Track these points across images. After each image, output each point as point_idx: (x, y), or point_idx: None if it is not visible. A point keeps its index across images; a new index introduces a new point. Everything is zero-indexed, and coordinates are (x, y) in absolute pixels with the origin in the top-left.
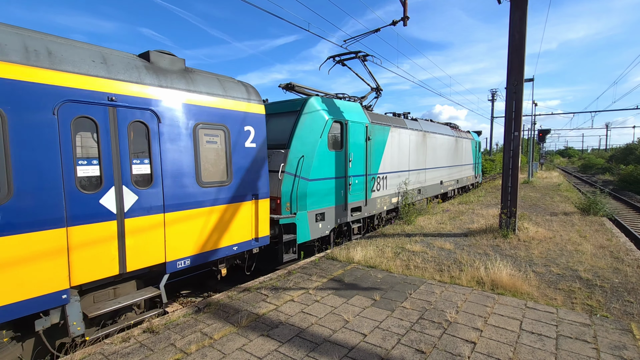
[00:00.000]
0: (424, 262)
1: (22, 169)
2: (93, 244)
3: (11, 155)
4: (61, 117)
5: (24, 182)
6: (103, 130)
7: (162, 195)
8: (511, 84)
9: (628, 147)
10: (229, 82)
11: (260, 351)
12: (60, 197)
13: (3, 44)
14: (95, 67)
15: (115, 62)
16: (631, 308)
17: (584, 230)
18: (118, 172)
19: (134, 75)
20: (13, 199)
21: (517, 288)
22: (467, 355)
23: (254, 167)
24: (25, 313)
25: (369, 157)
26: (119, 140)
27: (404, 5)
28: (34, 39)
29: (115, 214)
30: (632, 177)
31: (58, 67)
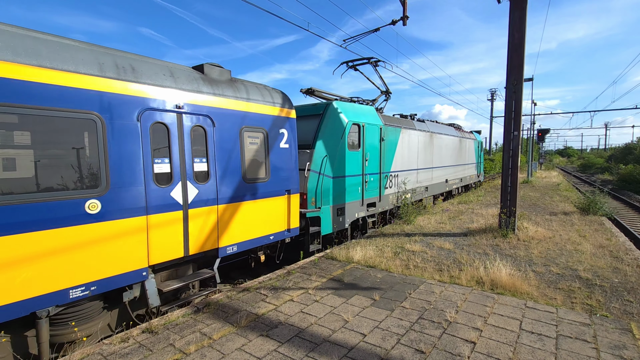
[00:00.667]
0: (424, 262)
1: (116, 166)
2: (165, 230)
3: (109, 155)
4: (143, 123)
5: (118, 178)
6: (172, 134)
7: (216, 189)
8: (511, 83)
9: (627, 147)
10: (266, 90)
11: (259, 351)
12: (143, 190)
13: (101, 63)
14: (166, 80)
15: (179, 75)
16: (631, 307)
17: (584, 230)
18: (184, 169)
19: (194, 86)
20: (110, 191)
21: (517, 288)
22: (467, 355)
23: (287, 165)
24: (120, 285)
25: (382, 156)
26: (184, 142)
27: (404, 5)
28: (120, 57)
29: (182, 205)
30: (631, 177)
31: (140, 80)
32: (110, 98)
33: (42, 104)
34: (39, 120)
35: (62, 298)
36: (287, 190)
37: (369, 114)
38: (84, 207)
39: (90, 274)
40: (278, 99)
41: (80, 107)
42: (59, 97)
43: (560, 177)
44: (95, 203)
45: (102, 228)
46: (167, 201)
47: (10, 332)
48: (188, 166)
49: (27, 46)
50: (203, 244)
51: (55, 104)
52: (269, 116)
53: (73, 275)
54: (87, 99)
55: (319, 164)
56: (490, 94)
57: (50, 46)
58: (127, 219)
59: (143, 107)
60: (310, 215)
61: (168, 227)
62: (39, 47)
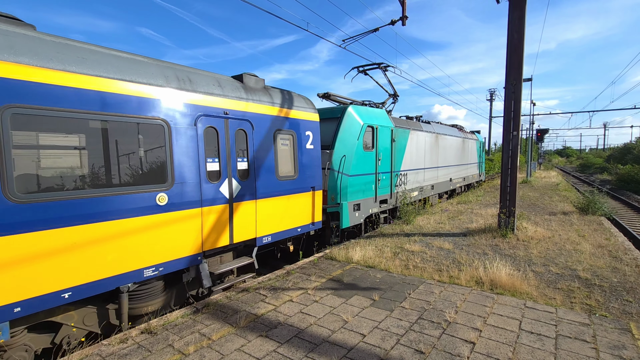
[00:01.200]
0: (423, 262)
1: (179, 165)
2: (215, 221)
3: (173, 155)
4: (198, 127)
5: (180, 174)
6: (221, 136)
7: (255, 185)
8: (510, 83)
9: (626, 147)
10: (295, 95)
11: (258, 352)
12: (198, 186)
13: (166, 76)
14: (216, 89)
15: (225, 85)
16: (630, 307)
17: (583, 230)
18: (229, 167)
19: (237, 94)
20: (174, 186)
21: (516, 288)
22: (467, 355)
23: (312, 164)
24: (181, 267)
25: (393, 156)
26: (230, 144)
27: (403, 5)
28: (179, 70)
29: (228, 199)
30: (629, 177)
31: (196, 90)
32: (174, 106)
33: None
34: (123, 127)
35: (138, 276)
36: (312, 187)
37: (381, 116)
38: (156, 200)
39: (158, 257)
40: (304, 104)
41: (153, 114)
42: (138, 106)
43: (559, 177)
44: (163, 196)
45: (168, 218)
46: (216, 195)
47: (96, 305)
48: (233, 165)
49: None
50: (244, 234)
51: (135, 112)
52: (297, 120)
53: (146, 257)
54: (157, 107)
55: (338, 163)
56: (490, 94)
57: (128, 63)
58: (187, 210)
59: (199, 113)
60: (331, 210)
61: (217, 218)
62: (121, 64)
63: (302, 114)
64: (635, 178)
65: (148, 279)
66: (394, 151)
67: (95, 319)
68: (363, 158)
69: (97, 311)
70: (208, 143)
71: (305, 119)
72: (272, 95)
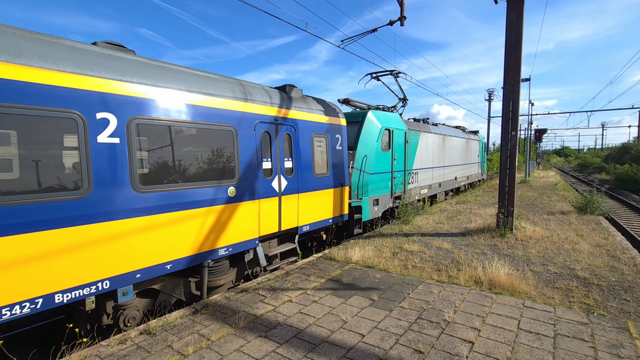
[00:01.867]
0: (422, 262)
1: (243, 163)
2: (268, 211)
3: (239, 155)
4: (257, 132)
5: (244, 171)
6: (272, 140)
7: (297, 181)
8: (508, 83)
9: (624, 147)
10: (326, 103)
11: (258, 352)
12: (257, 181)
13: (233, 90)
14: (268, 99)
15: (273, 95)
16: (628, 306)
17: (581, 229)
18: (279, 166)
19: (283, 103)
20: (240, 181)
21: (515, 287)
22: (465, 355)
23: (340, 163)
24: (243, 249)
25: (406, 156)
26: (279, 146)
27: (401, 5)
28: (236, 83)
29: (278, 193)
30: (627, 176)
31: (255, 101)
32: (240, 115)
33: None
34: (209, 133)
35: (215, 255)
36: (341, 184)
37: (396, 120)
38: (228, 192)
39: (229, 240)
40: (334, 110)
41: (226, 122)
42: (218, 116)
43: (558, 177)
44: (233, 189)
45: (236, 207)
46: (269, 189)
47: (182, 278)
48: (281, 164)
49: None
50: (289, 223)
51: (216, 120)
52: (329, 124)
53: (221, 239)
54: (229, 116)
55: (360, 163)
56: (488, 94)
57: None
58: (249, 201)
59: (257, 120)
60: (355, 205)
61: (270, 209)
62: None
63: (333, 119)
64: (633, 178)
65: (221, 257)
66: (407, 151)
67: (182, 289)
68: (381, 158)
69: (182, 283)
70: (263, 145)
71: (335, 123)
72: (309, 103)
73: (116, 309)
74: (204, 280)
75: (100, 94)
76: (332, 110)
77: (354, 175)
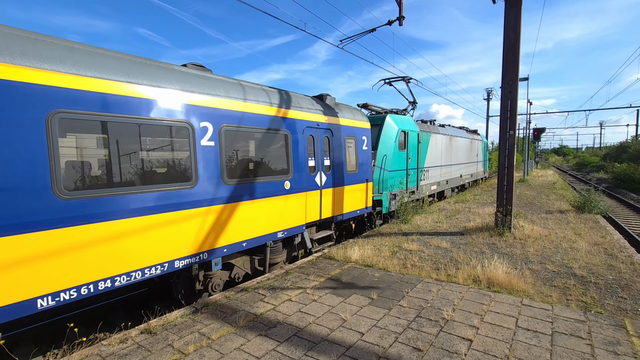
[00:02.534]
0: (421, 261)
1: (294, 161)
2: (312, 202)
3: (292, 154)
4: (304, 135)
5: (295, 168)
6: (315, 141)
7: (333, 177)
8: (506, 83)
9: (622, 146)
10: (354, 109)
11: (258, 351)
12: (304, 176)
13: (289, 100)
14: (312, 107)
15: (315, 104)
16: (625, 304)
17: (579, 228)
18: (320, 164)
19: (322, 110)
20: (292, 176)
21: (513, 286)
22: (464, 352)
23: (366, 161)
24: (294, 233)
25: (419, 155)
26: (320, 147)
27: (400, 5)
28: (291, 95)
29: (319, 186)
30: (625, 175)
31: (303, 109)
32: (293, 121)
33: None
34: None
35: (275, 237)
36: (366, 180)
37: (410, 122)
38: (284, 185)
39: (285, 225)
40: (361, 115)
41: (282, 127)
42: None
43: (556, 176)
44: (288, 183)
45: (290, 198)
46: (313, 184)
47: (249, 255)
48: (322, 162)
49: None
50: (327, 213)
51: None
52: (357, 127)
53: (278, 224)
54: (284, 122)
55: (381, 161)
56: (487, 93)
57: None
58: (298, 193)
59: (304, 125)
60: (376, 199)
61: (313, 200)
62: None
63: (360, 123)
64: (631, 176)
65: (278, 239)
66: (419, 151)
67: (249, 264)
68: (398, 157)
69: (249, 259)
70: (309, 146)
71: (362, 127)
72: (341, 109)
73: (205, 277)
74: (267, 257)
75: (202, 108)
76: (359, 114)
77: (375, 172)
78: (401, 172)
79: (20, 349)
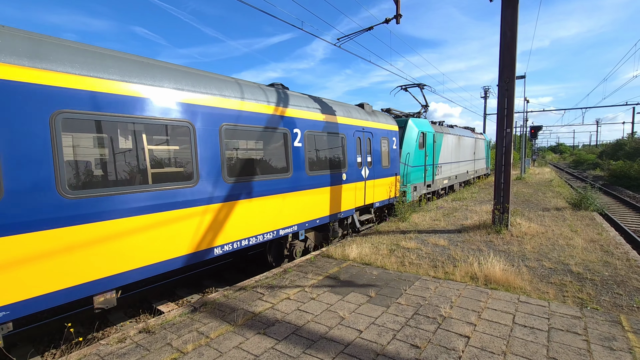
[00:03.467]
0: (419, 259)
1: (349, 157)
2: (359, 190)
3: (347, 152)
4: (354, 137)
5: (349, 163)
6: (362, 142)
7: (373, 171)
8: (503, 81)
9: (618, 143)
10: (386, 115)
11: (257, 349)
12: (354, 170)
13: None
14: (359, 115)
15: (360, 111)
16: (620, 300)
17: (575, 225)
18: (364, 160)
19: (364, 117)
20: (347, 170)
21: (510, 283)
22: (461, 349)
23: (396, 158)
24: (347, 215)
25: (434, 153)
26: (364, 146)
27: (397, 3)
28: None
29: (364, 178)
30: (621, 172)
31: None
32: (346, 126)
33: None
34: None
35: (336, 217)
36: (395, 174)
37: (427, 125)
38: (342, 177)
39: (343, 207)
40: (392, 120)
41: (341, 131)
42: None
43: (553, 174)
44: (345, 175)
45: (345, 187)
46: (360, 176)
47: (316, 231)
48: (365, 158)
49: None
50: (369, 200)
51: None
52: (389, 130)
53: (339, 207)
54: (340, 127)
55: (405, 158)
56: (484, 91)
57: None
58: (351, 183)
59: (354, 129)
60: (401, 190)
61: (360, 189)
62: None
63: (391, 127)
64: (627, 174)
65: (338, 219)
66: (434, 150)
67: (317, 238)
68: (418, 154)
69: (320, 233)
70: (358, 146)
71: (392, 129)
72: (377, 115)
73: (291, 245)
74: (330, 233)
75: (295, 119)
76: (390, 119)
77: (401, 168)
78: (421, 167)
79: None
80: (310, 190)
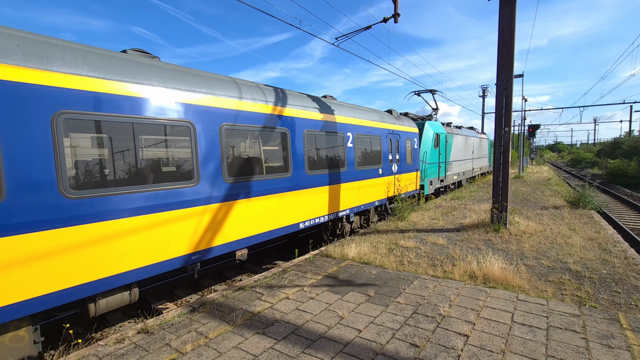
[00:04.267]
0: (418, 258)
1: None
2: (390, 183)
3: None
4: (387, 138)
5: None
6: (392, 142)
7: (400, 167)
8: (501, 80)
9: (615, 142)
10: (410, 118)
11: (256, 349)
12: (387, 166)
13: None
14: (389, 120)
15: (389, 117)
16: (618, 298)
17: (574, 224)
18: (394, 157)
19: (393, 121)
20: (382, 165)
21: (509, 281)
22: (460, 348)
23: (417, 156)
24: (382, 203)
25: (446, 152)
26: (393, 146)
27: (395, 2)
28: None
29: (394, 173)
30: (619, 171)
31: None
32: (381, 130)
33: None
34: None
35: (373, 204)
36: (417, 169)
37: (440, 126)
38: (378, 171)
39: (378, 197)
40: (414, 123)
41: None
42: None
43: (551, 172)
44: (380, 169)
45: (380, 180)
46: (390, 171)
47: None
48: (394, 156)
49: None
50: (397, 191)
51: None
52: (411, 132)
53: (376, 197)
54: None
55: (423, 156)
56: (482, 90)
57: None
58: (384, 177)
59: (387, 132)
60: (420, 184)
61: (391, 182)
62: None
63: (413, 129)
64: (624, 172)
65: (374, 206)
66: (447, 148)
67: (360, 221)
68: (434, 153)
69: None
70: (389, 145)
71: (414, 131)
72: (402, 119)
73: (342, 226)
74: (370, 217)
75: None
76: (412, 123)
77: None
78: (435, 164)
79: None
80: (357, 182)
